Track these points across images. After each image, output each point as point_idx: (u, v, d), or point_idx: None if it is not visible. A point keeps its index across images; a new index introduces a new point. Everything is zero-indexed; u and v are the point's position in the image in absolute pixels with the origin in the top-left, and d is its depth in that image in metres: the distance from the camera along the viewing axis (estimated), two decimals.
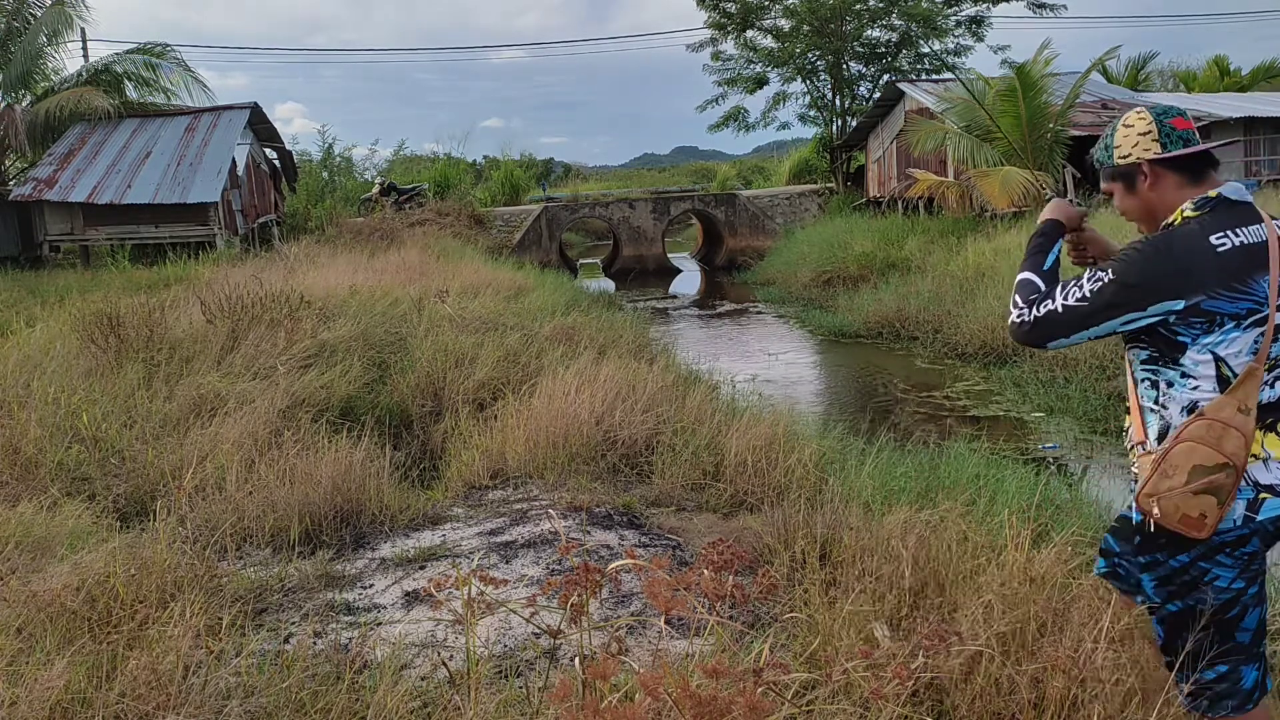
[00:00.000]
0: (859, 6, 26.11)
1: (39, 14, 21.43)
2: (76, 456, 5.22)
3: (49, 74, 22.08)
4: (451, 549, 4.25)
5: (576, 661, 2.47)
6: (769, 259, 22.28)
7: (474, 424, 6.30)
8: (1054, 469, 6.90)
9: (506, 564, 4.01)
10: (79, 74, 21.86)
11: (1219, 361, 2.11)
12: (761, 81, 28.47)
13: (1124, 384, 2.44)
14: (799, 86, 28.26)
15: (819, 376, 11.97)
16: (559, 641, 2.52)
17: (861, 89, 27.93)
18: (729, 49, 28.43)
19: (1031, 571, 3.01)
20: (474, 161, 38.90)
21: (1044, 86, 16.51)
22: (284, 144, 24.48)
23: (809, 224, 23.86)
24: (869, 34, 27.02)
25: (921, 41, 26.93)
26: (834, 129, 27.89)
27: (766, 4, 27.27)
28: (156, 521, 3.83)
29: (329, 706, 2.67)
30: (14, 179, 20.78)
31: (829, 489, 4.60)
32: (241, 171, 20.80)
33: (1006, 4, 44.50)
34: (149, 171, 19.00)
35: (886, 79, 25.79)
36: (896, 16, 26.39)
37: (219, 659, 2.88)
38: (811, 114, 28.72)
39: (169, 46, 22.63)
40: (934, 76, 25.63)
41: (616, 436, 5.54)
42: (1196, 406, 2.12)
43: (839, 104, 27.78)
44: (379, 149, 45.07)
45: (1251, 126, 19.91)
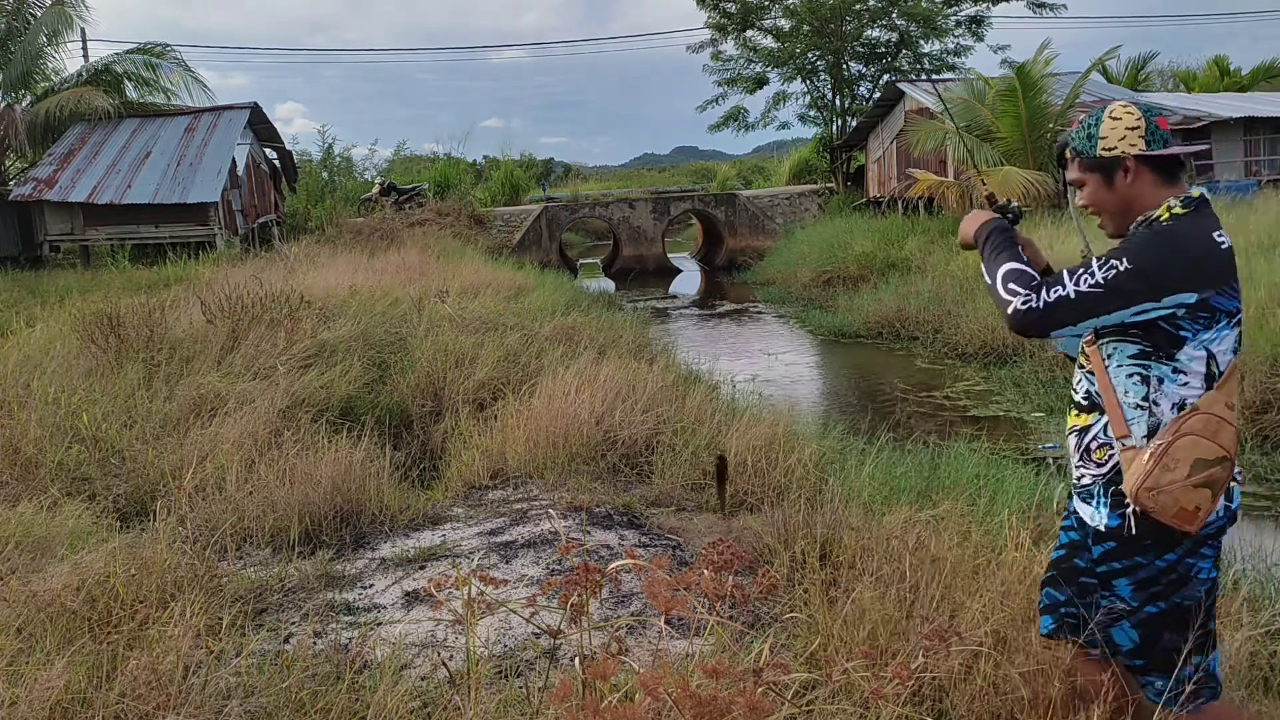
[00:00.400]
0: (859, 6, 26.11)
1: (39, 14, 21.43)
2: (76, 456, 5.22)
3: (49, 74, 22.09)
4: (451, 549, 4.25)
5: (576, 661, 2.47)
6: (769, 259, 22.27)
7: (474, 424, 6.30)
8: (1054, 469, 6.90)
9: (506, 564, 4.01)
10: (79, 74, 21.86)
11: (1210, 358, 2.12)
12: (761, 81, 28.48)
13: (1078, 383, 2.33)
14: (799, 86, 28.30)
15: (819, 376, 11.97)
16: (559, 641, 2.52)
17: (861, 89, 27.96)
18: (729, 49, 28.48)
19: (1032, 571, 3.01)
20: (474, 162, 38.94)
21: (1044, 86, 16.53)
22: (284, 144, 24.49)
23: (809, 224, 23.86)
24: (869, 34, 27.03)
25: (921, 41, 26.93)
26: (834, 129, 27.89)
27: (766, 4, 27.27)
28: (156, 521, 3.83)
29: (329, 706, 2.67)
30: (14, 179, 20.78)
31: (829, 489, 4.60)
32: (241, 171, 20.80)
33: (1006, 4, 44.60)
34: (149, 171, 19.00)
35: (886, 79, 25.80)
36: (896, 16, 26.39)
37: (219, 659, 2.88)
38: (811, 114, 28.74)
39: (169, 46, 22.64)
40: (934, 76, 25.64)
41: (616, 436, 5.54)
42: (1186, 403, 2.12)
43: (839, 104, 27.79)
44: (379, 149, 45.17)
45: (1251, 126, 19.91)
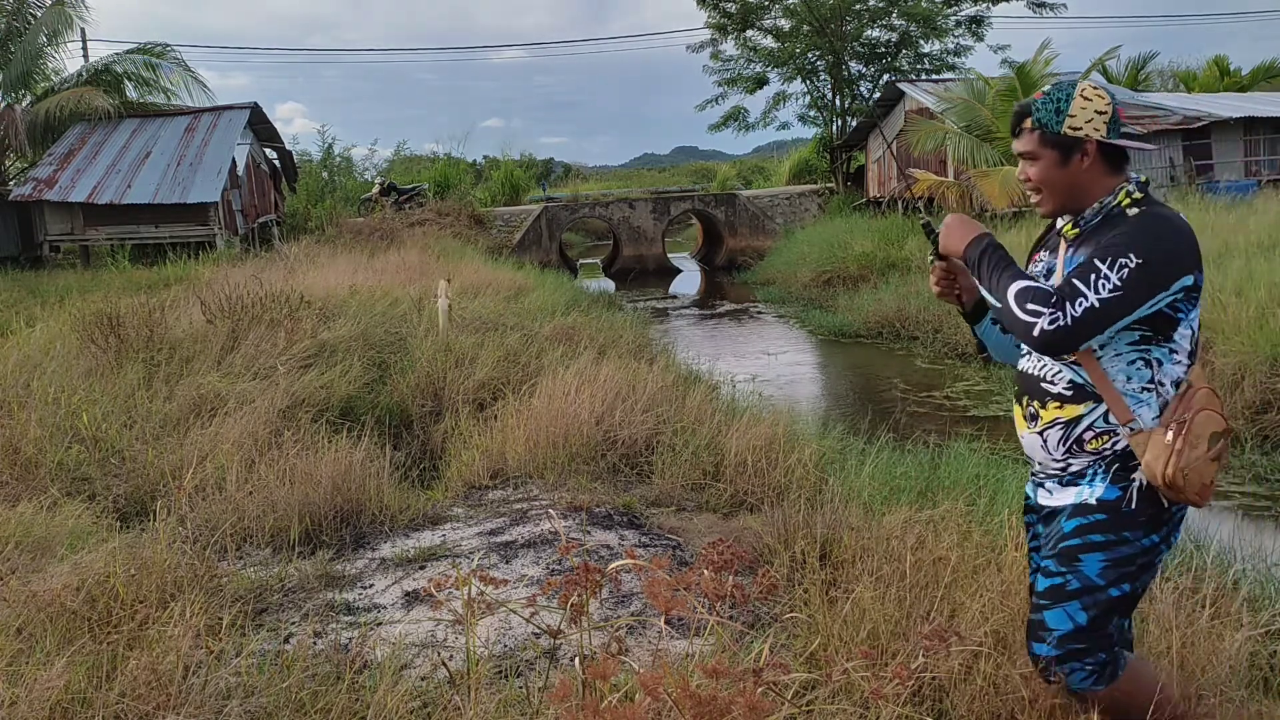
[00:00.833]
0: (859, 6, 26.13)
1: (39, 14, 21.43)
2: (76, 456, 5.21)
3: (49, 74, 22.09)
4: (451, 549, 4.25)
5: (576, 661, 2.47)
6: (769, 259, 22.28)
7: (474, 424, 6.30)
8: None
9: (506, 564, 4.01)
10: (79, 74, 21.86)
11: (1193, 334, 2.17)
12: (761, 81, 28.49)
13: (1055, 374, 2.25)
14: (799, 86, 28.31)
15: (819, 376, 11.97)
16: (559, 641, 2.52)
17: (861, 89, 27.96)
18: (729, 49, 28.48)
19: None
20: (474, 161, 38.95)
21: (1044, 86, 16.53)
22: (284, 144, 24.49)
23: (809, 224, 23.87)
24: (869, 34, 27.05)
25: (921, 41, 26.94)
26: (834, 129, 27.89)
27: (766, 4, 27.27)
28: (156, 521, 3.83)
29: (329, 706, 2.67)
30: (14, 179, 20.79)
31: (829, 489, 4.59)
32: (241, 171, 20.80)
33: (1006, 4, 44.60)
34: (149, 172, 19.01)
35: (886, 79, 25.80)
36: (896, 16, 26.41)
37: (219, 659, 2.88)
38: (811, 114, 28.75)
39: (169, 46, 22.64)
40: (934, 76, 25.64)
41: (616, 436, 5.53)
42: (1180, 380, 2.15)
43: (839, 104, 27.79)
44: (379, 149, 45.16)
45: (1251, 126, 19.90)
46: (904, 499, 4.44)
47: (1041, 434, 2.26)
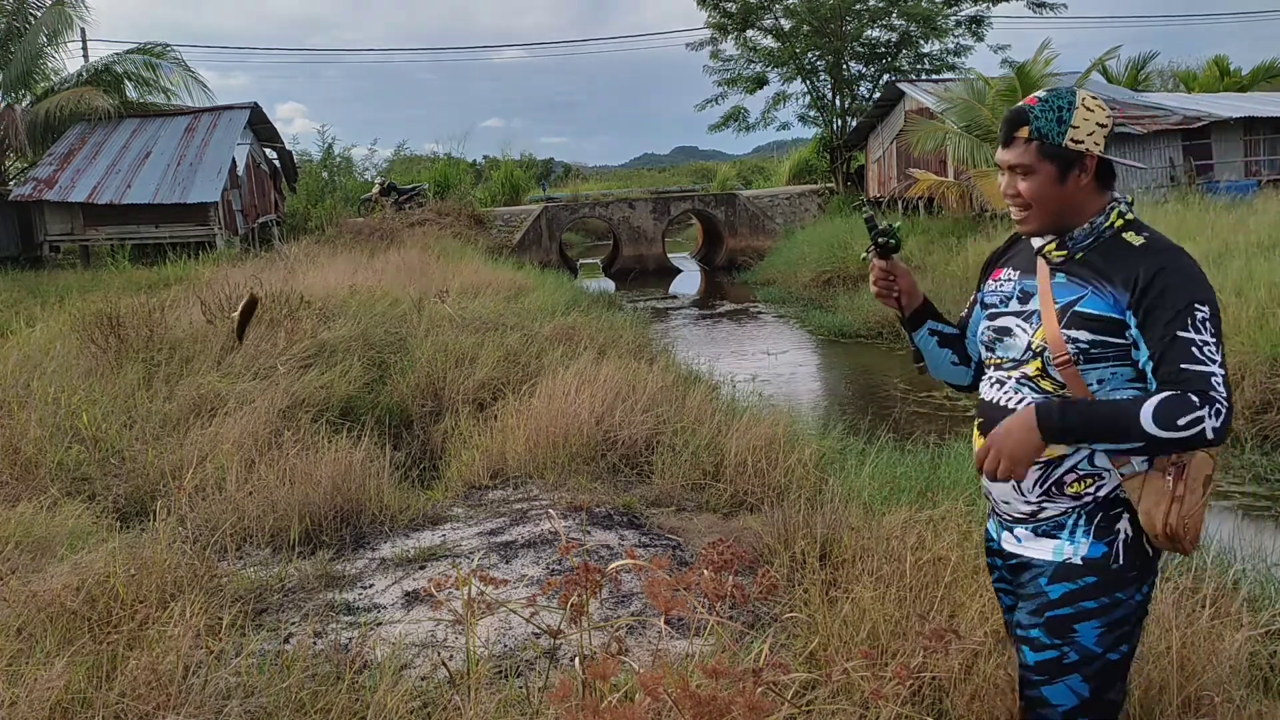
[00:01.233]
0: (859, 6, 26.11)
1: (39, 14, 21.43)
2: (76, 456, 5.22)
3: (49, 74, 22.09)
4: (451, 549, 4.25)
5: (576, 661, 2.47)
6: (769, 259, 22.28)
7: (474, 424, 6.30)
8: None
9: (506, 564, 4.01)
10: (79, 74, 21.86)
11: None
12: (761, 81, 28.48)
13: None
14: (799, 86, 28.29)
15: (819, 376, 11.97)
16: (559, 641, 2.52)
17: (861, 89, 27.96)
18: (729, 49, 28.48)
19: None
20: (474, 162, 38.92)
21: (1044, 86, 16.53)
22: (284, 144, 24.49)
23: (809, 224, 23.86)
24: (869, 34, 27.03)
25: (921, 41, 26.94)
26: (834, 129, 27.89)
27: (766, 4, 27.27)
28: (156, 521, 3.83)
29: (329, 706, 2.67)
30: (14, 179, 20.78)
31: (829, 489, 4.60)
32: (241, 171, 20.80)
33: (1006, 4, 44.57)
34: (149, 172, 19.00)
35: (886, 79, 25.80)
36: (896, 16, 26.40)
37: (219, 659, 2.88)
38: (811, 114, 28.74)
39: (169, 46, 22.63)
40: (934, 76, 25.64)
41: (616, 436, 5.54)
42: None
43: (839, 104, 27.79)
44: (379, 149, 45.10)
45: (1251, 126, 19.89)
46: (904, 499, 4.44)
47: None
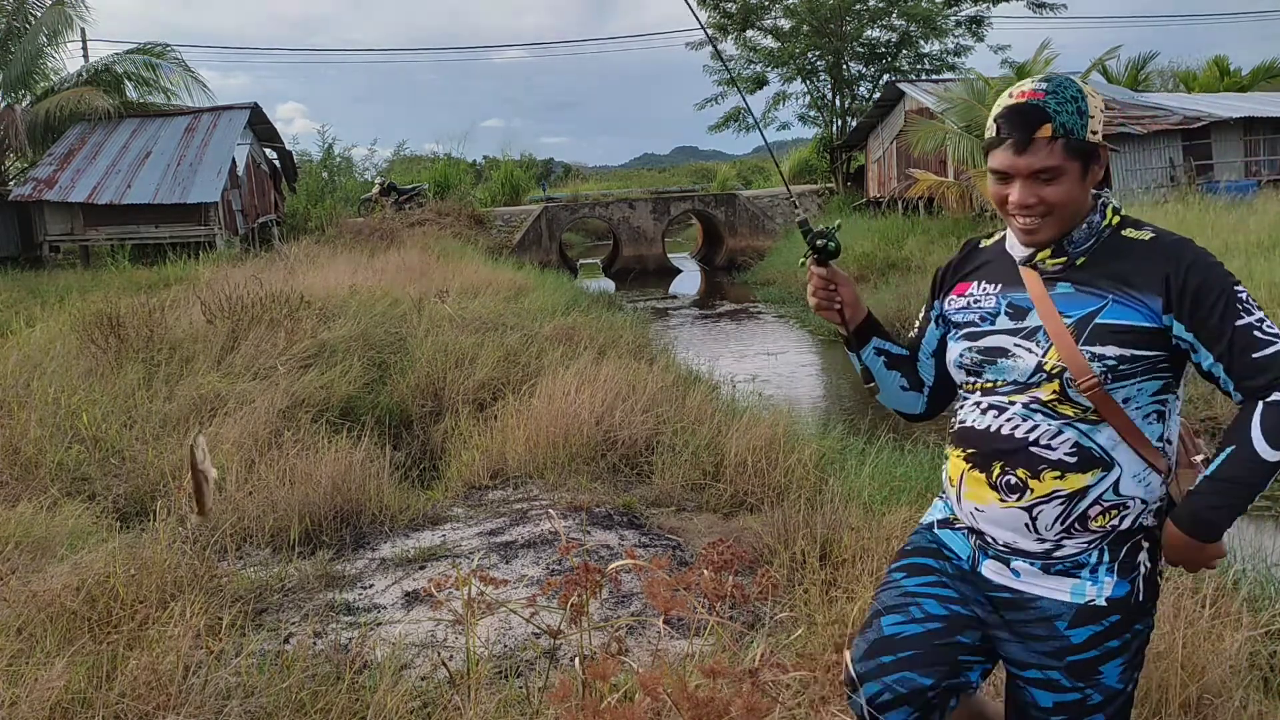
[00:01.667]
0: (859, 6, 26.14)
1: (39, 14, 21.42)
2: (76, 456, 5.22)
3: (49, 74, 22.07)
4: (451, 549, 4.25)
5: (576, 661, 2.47)
6: (769, 259, 22.28)
7: (474, 424, 6.30)
8: None
9: (506, 564, 4.01)
10: (79, 74, 21.86)
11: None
12: (761, 81, 28.51)
13: (1053, 437, 1.79)
14: (799, 86, 28.36)
15: (819, 376, 11.97)
16: (559, 641, 2.52)
17: (861, 89, 27.99)
18: (729, 49, 28.50)
19: None
20: (474, 162, 38.93)
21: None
22: (284, 144, 24.48)
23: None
24: (869, 34, 27.06)
25: (921, 41, 26.95)
26: (834, 129, 27.90)
27: (766, 4, 27.29)
28: (156, 521, 3.83)
29: (329, 706, 2.67)
30: (14, 179, 20.78)
31: (829, 489, 4.60)
32: (241, 171, 20.80)
33: (1006, 4, 44.54)
34: (149, 172, 19.00)
35: (886, 79, 25.81)
36: (896, 16, 26.42)
37: (219, 659, 2.89)
38: (811, 114, 28.78)
39: (169, 46, 22.63)
40: (934, 77, 25.65)
41: (616, 436, 5.54)
42: (1173, 440, 1.83)
43: (839, 104, 27.81)
44: (379, 149, 45.14)
45: (1251, 126, 19.90)
46: (904, 499, 4.44)
47: (1030, 509, 1.78)
